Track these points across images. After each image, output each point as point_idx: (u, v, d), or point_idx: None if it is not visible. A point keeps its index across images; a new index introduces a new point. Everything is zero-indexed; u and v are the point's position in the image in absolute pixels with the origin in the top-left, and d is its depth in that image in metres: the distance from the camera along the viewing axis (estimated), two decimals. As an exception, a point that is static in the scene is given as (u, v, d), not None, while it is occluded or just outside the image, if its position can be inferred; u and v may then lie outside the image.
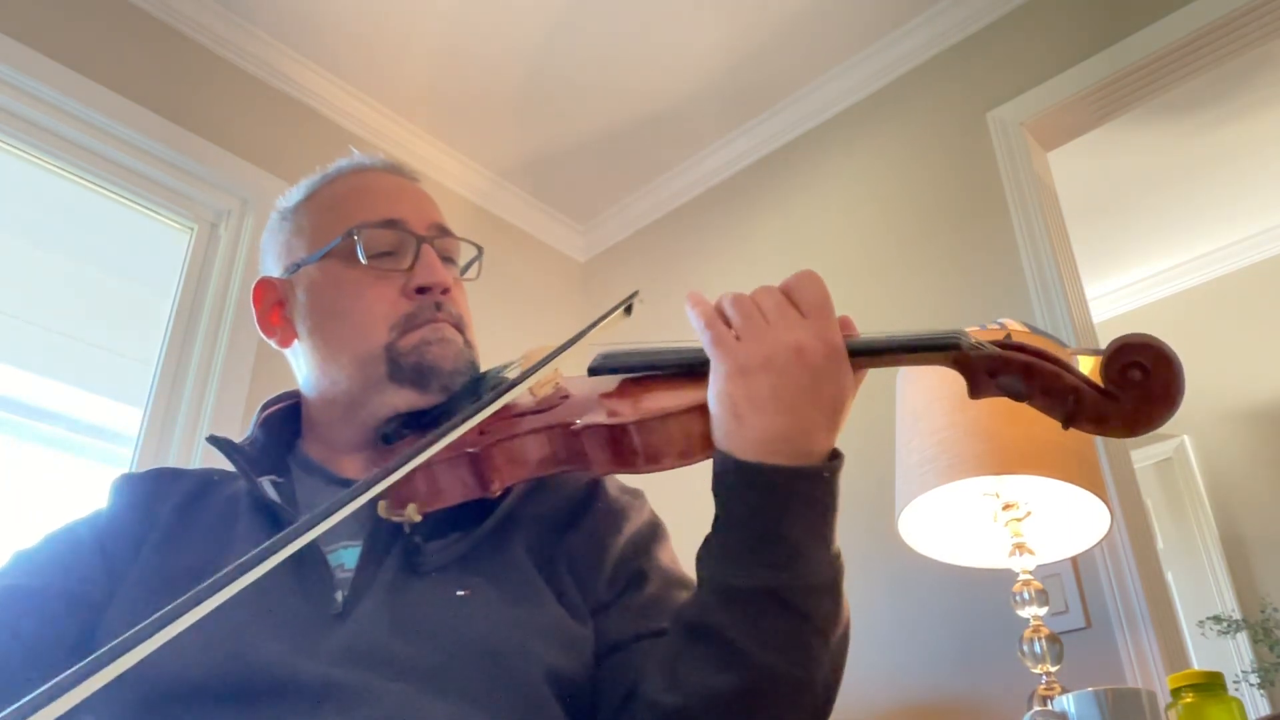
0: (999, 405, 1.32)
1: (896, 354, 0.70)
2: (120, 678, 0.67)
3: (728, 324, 0.71)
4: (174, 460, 2.07)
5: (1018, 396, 0.65)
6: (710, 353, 0.70)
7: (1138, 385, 0.62)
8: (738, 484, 0.68)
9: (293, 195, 0.97)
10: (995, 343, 0.66)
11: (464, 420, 0.68)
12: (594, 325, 0.82)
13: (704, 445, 0.71)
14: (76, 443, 2.08)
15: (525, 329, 2.83)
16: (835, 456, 0.70)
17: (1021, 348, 0.65)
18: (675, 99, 2.77)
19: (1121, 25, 2.19)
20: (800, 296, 0.70)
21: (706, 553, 0.71)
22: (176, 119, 2.32)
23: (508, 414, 0.77)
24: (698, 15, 2.52)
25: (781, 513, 0.67)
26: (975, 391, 0.67)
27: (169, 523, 0.82)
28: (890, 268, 2.40)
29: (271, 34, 2.54)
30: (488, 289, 0.98)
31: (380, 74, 2.67)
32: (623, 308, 0.86)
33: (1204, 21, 2.06)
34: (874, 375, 0.76)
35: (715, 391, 0.69)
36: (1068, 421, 0.64)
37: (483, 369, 0.90)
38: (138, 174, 2.27)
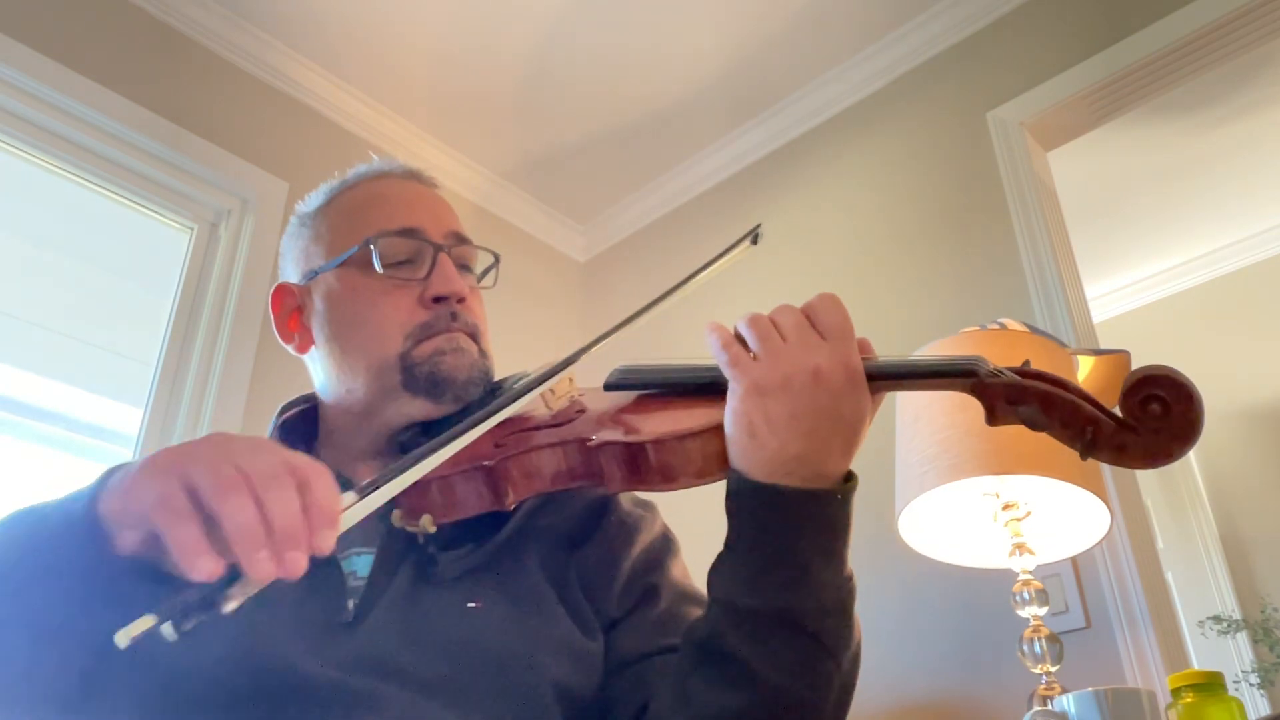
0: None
1: (915, 379, 0.70)
2: (135, 669, 0.67)
3: (745, 344, 0.70)
4: (174, 460, 2.07)
5: (1035, 426, 0.64)
6: (727, 373, 0.70)
7: (1157, 418, 0.61)
8: (751, 504, 0.67)
9: (312, 200, 0.97)
10: (1014, 370, 0.65)
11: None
12: (717, 259, 0.82)
13: (721, 465, 0.70)
14: (76, 443, 2.07)
15: (525, 329, 2.83)
16: (849, 479, 0.70)
17: (1041, 376, 0.64)
18: (675, 99, 2.77)
19: (1121, 25, 2.19)
20: (821, 318, 0.69)
21: (718, 572, 0.71)
22: (176, 119, 2.32)
23: (523, 427, 0.77)
24: (698, 15, 2.51)
25: (794, 534, 0.66)
26: (993, 419, 0.66)
27: None
28: (890, 268, 2.40)
29: (271, 34, 2.54)
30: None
31: (380, 74, 2.67)
32: (749, 238, 0.85)
33: (1204, 21, 2.06)
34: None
35: (731, 411, 0.69)
36: (1086, 452, 0.63)
37: (497, 378, 0.90)
38: (138, 174, 2.27)
